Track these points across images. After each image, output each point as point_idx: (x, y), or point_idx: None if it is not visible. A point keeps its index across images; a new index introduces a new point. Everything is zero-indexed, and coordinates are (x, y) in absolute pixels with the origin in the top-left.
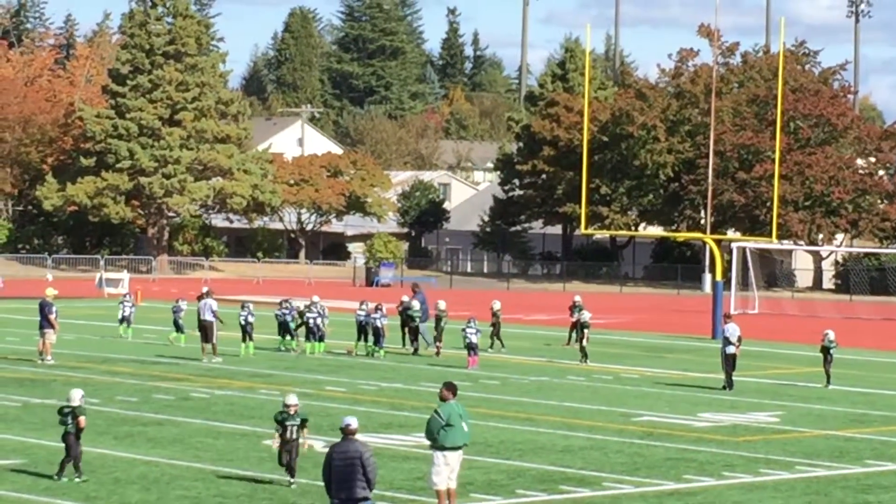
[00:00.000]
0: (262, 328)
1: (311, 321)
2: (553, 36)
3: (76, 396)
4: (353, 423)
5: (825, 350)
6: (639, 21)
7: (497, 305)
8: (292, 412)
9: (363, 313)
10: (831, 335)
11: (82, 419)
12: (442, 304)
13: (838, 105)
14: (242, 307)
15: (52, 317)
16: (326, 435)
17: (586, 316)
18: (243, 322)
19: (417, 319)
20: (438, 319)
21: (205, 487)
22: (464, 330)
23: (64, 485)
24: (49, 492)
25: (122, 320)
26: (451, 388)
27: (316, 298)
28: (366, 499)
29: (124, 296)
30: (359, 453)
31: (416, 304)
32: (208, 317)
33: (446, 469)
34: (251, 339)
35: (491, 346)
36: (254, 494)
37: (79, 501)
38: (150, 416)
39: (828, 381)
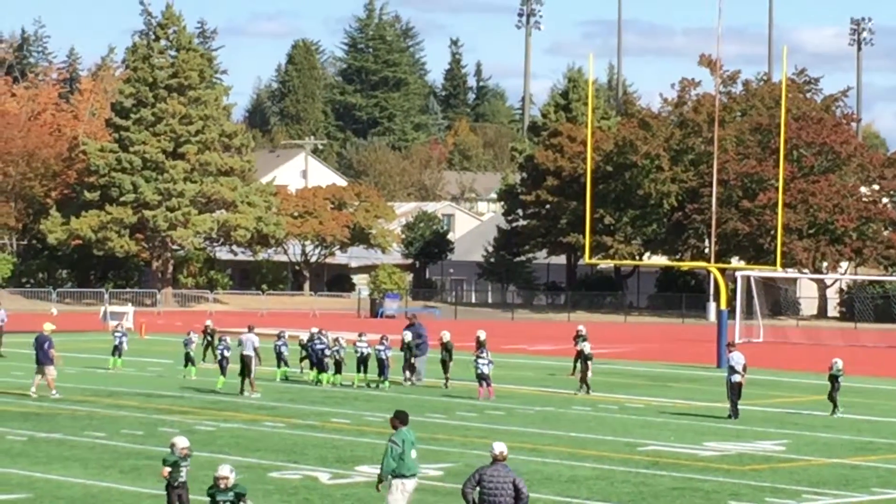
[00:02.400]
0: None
1: (323, 353)
2: (557, 66)
3: (176, 445)
4: (505, 449)
5: (833, 378)
6: (642, 51)
7: (447, 336)
8: (222, 486)
9: (363, 345)
10: (839, 364)
11: (164, 470)
12: (446, 336)
13: (841, 133)
14: (220, 340)
15: (53, 351)
16: (332, 467)
17: (587, 348)
18: (220, 356)
19: (414, 350)
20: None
21: None
22: (475, 360)
23: None
24: None
25: (114, 351)
26: (401, 416)
27: (315, 329)
28: None
29: (116, 326)
30: (511, 478)
31: (408, 336)
32: (249, 352)
33: (403, 497)
34: (223, 373)
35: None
36: None
37: None
38: (155, 450)
39: (835, 409)
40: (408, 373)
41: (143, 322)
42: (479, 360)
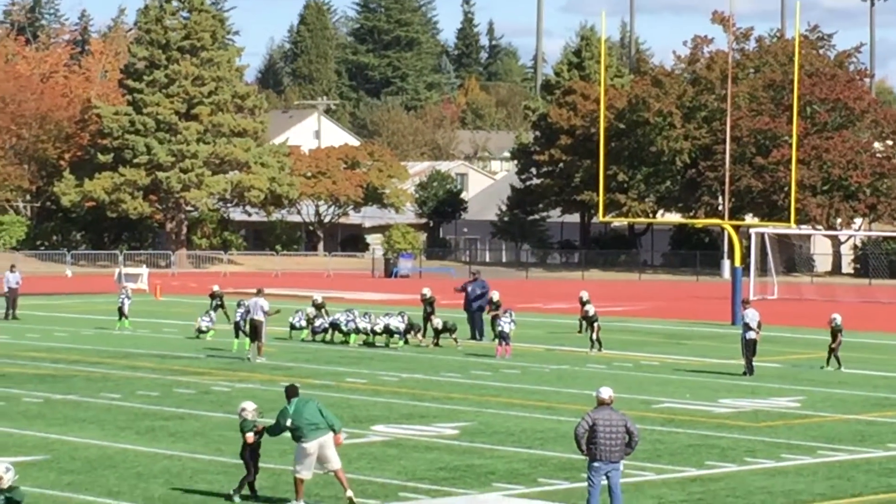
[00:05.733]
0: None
1: (347, 324)
2: (571, 23)
3: (247, 409)
4: (612, 393)
5: (835, 333)
6: (655, 8)
7: (428, 292)
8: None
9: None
10: (838, 319)
11: (248, 436)
12: (427, 292)
13: (855, 89)
14: (238, 304)
15: None
16: (347, 427)
17: (591, 310)
18: (238, 318)
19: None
20: (431, 303)
21: (227, 481)
22: (498, 319)
23: (87, 480)
24: (72, 487)
25: (119, 314)
26: (288, 390)
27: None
28: (619, 460)
29: (122, 289)
30: (623, 421)
31: (496, 295)
32: (259, 316)
33: (305, 455)
34: (245, 335)
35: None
36: (276, 487)
37: (102, 497)
38: (171, 411)
39: (839, 365)
40: (477, 332)
41: (157, 284)
42: (502, 319)
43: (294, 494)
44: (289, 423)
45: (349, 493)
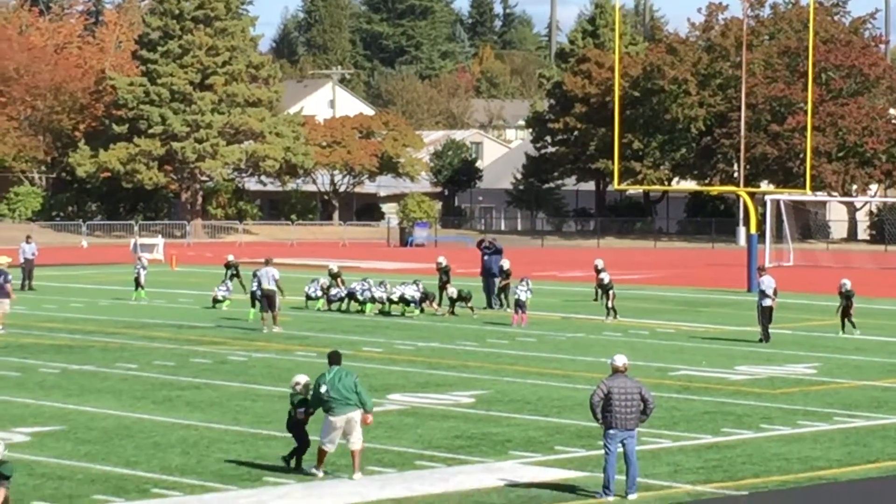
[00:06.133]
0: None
1: (363, 293)
2: None
3: (300, 383)
4: (627, 360)
5: (846, 298)
6: None
7: (444, 261)
8: None
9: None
10: (848, 284)
11: (299, 411)
12: (443, 261)
13: (870, 55)
14: (254, 275)
15: (9, 286)
16: None
17: (606, 278)
18: (254, 288)
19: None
20: (446, 272)
21: (244, 450)
22: (516, 288)
23: (104, 450)
24: (88, 457)
25: (135, 284)
26: (331, 357)
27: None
28: (634, 428)
29: (138, 259)
30: (638, 389)
31: (506, 263)
32: (271, 286)
33: (333, 428)
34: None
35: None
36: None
37: (119, 467)
38: (187, 381)
39: (853, 328)
40: (501, 298)
41: (173, 254)
42: (519, 288)
43: (315, 461)
44: (323, 389)
45: (357, 474)
